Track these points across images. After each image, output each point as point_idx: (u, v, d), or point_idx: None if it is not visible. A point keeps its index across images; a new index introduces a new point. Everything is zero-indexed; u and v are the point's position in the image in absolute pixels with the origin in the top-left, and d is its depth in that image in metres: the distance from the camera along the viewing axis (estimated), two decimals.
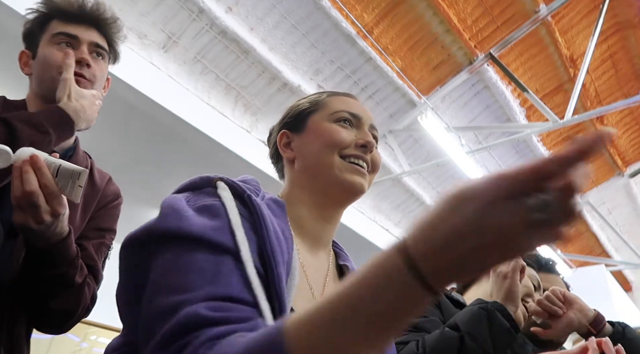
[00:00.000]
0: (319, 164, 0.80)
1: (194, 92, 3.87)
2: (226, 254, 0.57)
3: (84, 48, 1.08)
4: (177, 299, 0.52)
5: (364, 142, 0.81)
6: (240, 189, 0.68)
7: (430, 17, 4.37)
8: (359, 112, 0.85)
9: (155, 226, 0.60)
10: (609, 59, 5.51)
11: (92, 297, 1.02)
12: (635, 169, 6.97)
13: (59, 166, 0.83)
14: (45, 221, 0.82)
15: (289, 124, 0.89)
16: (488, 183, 0.38)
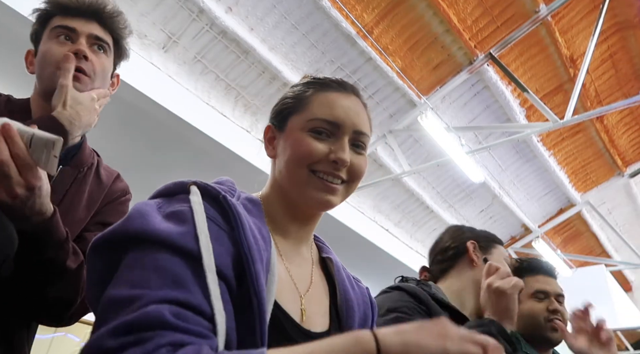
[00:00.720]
0: (288, 175, 0.77)
1: (194, 92, 3.87)
2: (189, 259, 0.58)
3: (82, 40, 1.05)
4: (135, 293, 0.53)
5: (335, 159, 0.74)
6: (215, 191, 0.67)
7: (430, 17, 4.37)
8: (339, 120, 0.77)
9: (122, 228, 0.61)
10: (609, 59, 5.51)
11: None
12: (635, 169, 6.97)
13: (32, 135, 0.78)
14: (19, 195, 0.77)
15: (274, 118, 0.84)
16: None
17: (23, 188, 0.77)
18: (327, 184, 0.75)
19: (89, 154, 1.10)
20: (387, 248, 5.50)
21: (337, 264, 0.86)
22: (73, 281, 0.91)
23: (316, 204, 0.76)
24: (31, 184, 0.77)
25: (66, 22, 1.05)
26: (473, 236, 1.33)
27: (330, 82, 0.87)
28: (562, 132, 5.87)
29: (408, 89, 4.75)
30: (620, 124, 6.29)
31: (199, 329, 0.52)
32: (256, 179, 0.80)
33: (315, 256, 0.85)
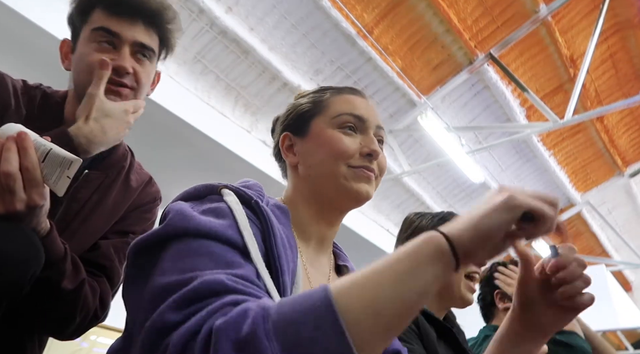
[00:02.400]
0: (324, 174, 0.76)
1: (194, 92, 3.87)
2: (236, 249, 0.56)
3: (126, 51, 0.94)
4: (187, 275, 0.50)
5: (369, 151, 0.77)
6: (247, 196, 0.66)
7: (430, 17, 4.37)
8: (363, 114, 0.80)
9: (163, 230, 0.59)
10: (609, 59, 5.50)
11: (101, 300, 0.92)
12: (635, 169, 6.97)
13: (49, 150, 0.72)
14: (17, 211, 0.70)
15: (291, 126, 0.84)
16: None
17: (23, 205, 0.71)
18: (365, 173, 0.76)
19: (122, 156, 1.02)
20: (387, 248, 5.49)
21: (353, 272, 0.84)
22: (69, 301, 0.85)
23: (357, 195, 0.76)
24: (34, 203, 0.71)
25: (109, 25, 0.94)
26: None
27: (341, 87, 0.88)
28: (562, 132, 5.87)
29: (408, 89, 4.74)
30: (620, 124, 6.29)
31: (258, 293, 0.50)
32: (256, 179, 0.79)
33: (333, 265, 0.84)
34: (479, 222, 0.50)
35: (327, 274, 0.80)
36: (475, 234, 0.50)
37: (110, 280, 0.96)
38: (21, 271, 0.70)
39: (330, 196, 0.77)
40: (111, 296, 0.97)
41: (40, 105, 0.95)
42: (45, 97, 0.97)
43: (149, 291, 0.53)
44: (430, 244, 0.49)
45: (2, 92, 0.90)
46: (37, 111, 0.94)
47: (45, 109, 0.95)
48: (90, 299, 0.89)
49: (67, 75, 1.01)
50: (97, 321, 0.93)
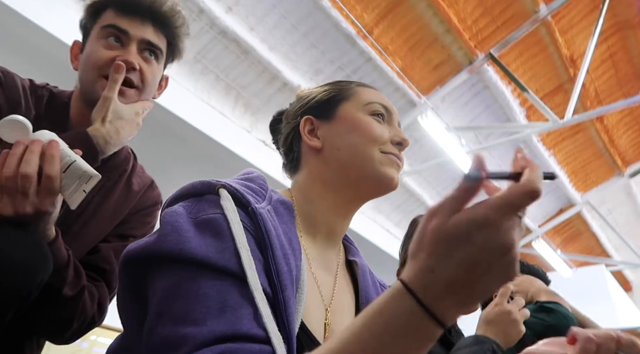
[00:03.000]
0: (356, 156, 0.74)
1: (194, 92, 3.87)
2: (231, 278, 0.54)
3: (133, 47, 0.94)
4: (181, 333, 0.50)
5: (400, 140, 0.77)
6: (245, 200, 0.63)
7: (430, 17, 4.37)
8: (390, 107, 0.81)
9: (156, 246, 0.57)
10: (609, 59, 5.50)
11: (99, 306, 0.92)
12: (635, 169, 6.97)
13: (72, 161, 0.73)
14: (26, 213, 0.70)
15: (315, 109, 0.80)
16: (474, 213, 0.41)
17: (33, 209, 0.70)
18: (397, 160, 0.76)
19: (124, 159, 1.02)
20: (387, 248, 5.49)
21: (362, 267, 0.82)
22: (68, 307, 0.85)
23: (389, 180, 0.74)
24: (44, 209, 0.71)
25: (118, 23, 0.94)
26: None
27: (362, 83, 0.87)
28: (562, 132, 5.87)
29: (408, 89, 4.74)
30: (620, 124, 6.29)
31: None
32: None
33: (342, 258, 0.81)
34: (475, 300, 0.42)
35: (334, 271, 0.77)
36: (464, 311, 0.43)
37: (109, 285, 0.96)
38: (30, 279, 0.70)
39: (360, 180, 0.75)
40: (109, 300, 0.96)
41: (48, 105, 0.95)
42: (53, 97, 0.97)
43: (148, 337, 0.53)
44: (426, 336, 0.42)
45: (13, 91, 0.90)
46: (45, 110, 0.94)
47: (53, 109, 0.95)
48: (89, 305, 0.89)
49: (66, 75, 1.01)
50: (94, 326, 0.93)
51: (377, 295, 0.77)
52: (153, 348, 0.52)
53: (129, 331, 0.63)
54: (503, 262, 0.40)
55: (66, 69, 1.03)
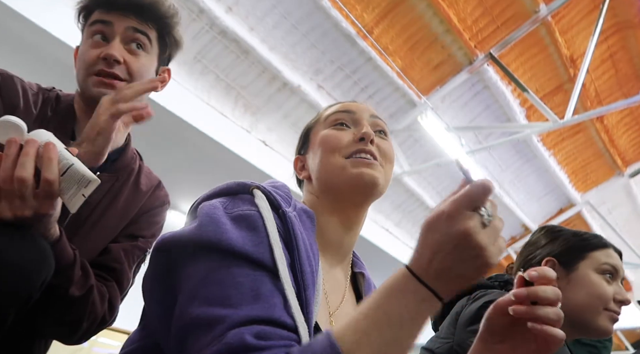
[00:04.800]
0: (325, 171, 0.79)
1: (193, 92, 3.87)
2: (264, 270, 0.58)
3: (116, 42, 0.95)
4: (216, 313, 0.52)
5: (361, 135, 0.79)
6: (277, 203, 0.67)
7: (430, 17, 4.37)
8: (351, 108, 0.84)
9: (196, 235, 0.60)
10: (609, 59, 5.50)
11: (109, 305, 0.92)
12: (635, 169, 6.97)
13: (70, 164, 0.71)
14: (25, 217, 0.68)
15: (299, 148, 0.91)
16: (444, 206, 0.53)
17: (32, 212, 0.69)
18: (361, 159, 0.77)
19: (131, 159, 1.03)
20: (387, 248, 5.49)
21: (368, 280, 0.86)
22: (77, 308, 0.84)
23: (359, 179, 0.76)
24: (43, 211, 0.70)
25: (103, 17, 0.97)
26: (557, 250, 1.28)
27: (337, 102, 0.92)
28: (562, 132, 5.87)
29: (408, 89, 4.74)
30: (620, 124, 6.29)
31: (282, 343, 0.52)
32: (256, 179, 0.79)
33: (349, 274, 0.85)
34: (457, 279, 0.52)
35: (342, 287, 0.81)
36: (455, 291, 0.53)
37: (120, 284, 0.96)
38: (32, 281, 0.69)
39: (338, 190, 0.78)
40: (120, 299, 0.97)
41: (55, 108, 0.97)
42: (59, 100, 0.99)
43: (180, 317, 0.56)
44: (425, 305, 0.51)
45: (11, 93, 0.91)
46: (52, 113, 0.95)
47: (59, 112, 0.96)
48: (99, 305, 0.89)
49: (66, 75, 1.03)
50: (106, 325, 0.94)
51: None
52: (185, 327, 0.54)
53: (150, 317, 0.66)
54: (465, 246, 0.50)
55: (66, 69, 1.04)
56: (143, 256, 1.04)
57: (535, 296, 0.57)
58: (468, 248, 0.50)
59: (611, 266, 1.33)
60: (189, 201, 4.87)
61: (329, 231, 0.79)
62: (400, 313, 0.51)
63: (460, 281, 0.52)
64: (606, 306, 1.29)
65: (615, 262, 1.34)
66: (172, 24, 1.03)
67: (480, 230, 0.51)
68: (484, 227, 0.51)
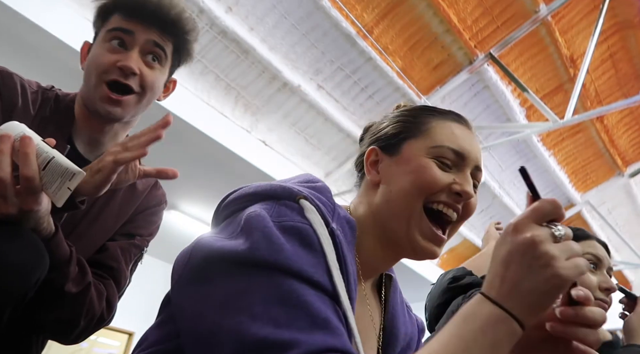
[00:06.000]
0: (398, 206, 0.70)
1: (193, 92, 3.86)
2: (324, 293, 0.55)
3: (135, 52, 0.94)
4: (287, 337, 0.49)
5: (460, 191, 0.70)
6: (325, 219, 0.62)
7: (430, 17, 4.37)
8: (464, 151, 0.73)
9: (248, 255, 0.55)
10: (609, 59, 5.50)
11: (107, 303, 0.91)
12: (635, 169, 6.96)
13: (51, 158, 0.68)
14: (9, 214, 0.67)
15: (381, 141, 0.79)
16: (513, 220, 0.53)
17: (16, 209, 0.67)
18: (438, 235, 0.70)
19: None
20: None
21: (395, 284, 0.82)
22: (73, 305, 0.83)
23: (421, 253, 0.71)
24: (27, 208, 0.68)
25: (124, 25, 0.95)
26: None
27: (446, 111, 0.82)
28: (562, 132, 5.87)
29: (408, 89, 4.74)
30: (620, 124, 6.29)
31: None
32: (256, 179, 0.78)
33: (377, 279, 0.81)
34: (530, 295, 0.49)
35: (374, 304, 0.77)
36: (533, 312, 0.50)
37: (117, 282, 0.95)
38: (26, 279, 0.68)
39: (396, 238, 0.71)
40: (118, 297, 0.96)
41: (53, 107, 0.95)
42: (58, 99, 0.97)
43: (238, 335, 0.51)
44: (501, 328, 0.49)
45: (10, 91, 0.90)
46: (50, 113, 0.94)
47: (58, 112, 0.95)
48: (96, 302, 0.88)
49: (66, 75, 1.02)
50: (104, 324, 0.93)
51: (404, 314, 0.79)
52: (249, 348, 0.50)
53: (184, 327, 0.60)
54: (533, 255, 0.49)
55: (66, 69, 1.04)
56: (140, 254, 1.03)
57: (583, 317, 0.52)
58: (535, 257, 0.49)
59: (593, 255, 1.37)
60: (189, 201, 4.87)
61: (369, 252, 0.73)
62: (475, 338, 0.48)
63: (533, 297, 0.49)
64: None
65: (598, 252, 1.38)
66: (191, 39, 1.06)
67: (550, 241, 0.50)
68: (556, 240, 0.50)
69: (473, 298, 0.51)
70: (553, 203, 0.53)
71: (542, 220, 0.52)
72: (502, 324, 0.49)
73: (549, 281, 0.48)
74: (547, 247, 0.49)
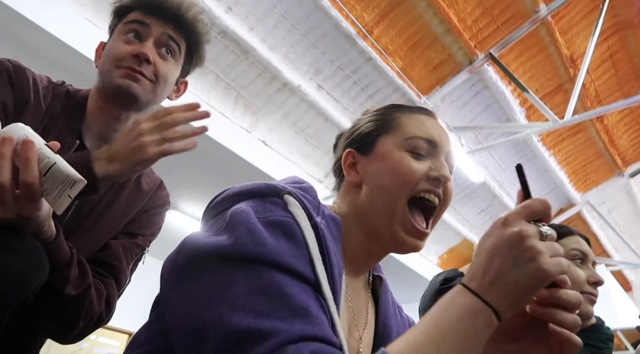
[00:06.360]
0: (382, 204, 0.72)
1: (194, 92, 3.87)
2: (307, 284, 0.56)
3: (150, 41, 0.96)
4: (268, 326, 0.49)
5: (437, 176, 0.72)
6: (309, 213, 0.63)
7: (430, 17, 4.37)
8: (435, 139, 0.75)
9: (232, 249, 0.56)
10: (609, 59, 5.50)
11: (107, 303, 0.91)
12: (635, 169, 6.97)
13: (52, 164, 0.66)
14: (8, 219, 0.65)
15: (356, 142, 0.80)
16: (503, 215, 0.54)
17: (14, 214, 0.65)
18: (418, 228, 0.72)
19: None
20: None
21: (385, 285, 0.83)
22: (73, 307, 0.83)
23: (405, 247, 0.72)
24: (26, 215, 0.66)
25: (142, 18, 0.98)
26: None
27: (412, 106, 0.83)
28: (562, 132, 5.87)
29: (408, 89, 4.74)
30: (620, 124, 6.29)
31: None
32: (256, 179, 0.78)
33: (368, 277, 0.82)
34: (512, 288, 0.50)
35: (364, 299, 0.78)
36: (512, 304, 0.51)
37: (118, 282, 0.95)
38: (24, 285, 0.67)
39: (381, 233, 0.73)
40: (117, 297, 0.96)
41: (64, 103, 0.95)
42: (69, 95, 0.98)
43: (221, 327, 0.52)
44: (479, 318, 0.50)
45: (23, 86, 0.90)
46: (60, 108, 0.94)
47: (68, 108, 0.95)
48: (96, 303, 0.88)
49: (66, 75, 1.03)
50: (102, 324, 0.92)
51: (395, 315, 0.80)
52: (230, 338, 0.50)
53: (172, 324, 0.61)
54: (520, 248, 0.50)
55: (66, 69, 1.04)
56: (141, 254, 1.03)
57: (558, 299, 0.54)
58: (522, 250, 0.50)
59: (580, 251, 1.43)
60: (189, 201, 4.87)
61: (356, 248, 0.75)
62: (453, 327, 0.49)
63: (514, 290, 0.50)
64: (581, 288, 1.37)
65: (583, 247, 1.44)
66: (203, 41, 1.06)
67: (537, 237, 0.51)
68: (542, 238, 0.52)
69: (454, 288, 0.52)
70: (544, 203, 0.54)
71: (532, 218, 0.53)
72: (481, 314, 0.50)
73: (533, 275, 0.50)
74: (534, 242, 0.50)
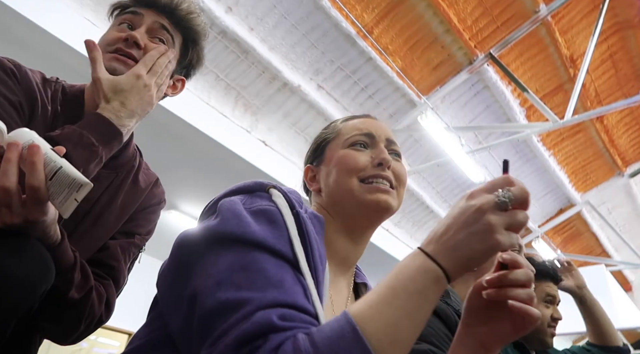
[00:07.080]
0: (340, 192, 0.81)
1: (194, 92, 3.86)
2: (286, 261, 0.61)
3: (142, 28, 0.96)
4: (244, 296, 0.55)
5: (379, 161, 0.81)
6: (291, 203, 0.69)
7: (430, 17, 4.37)
8: (371, 130, 0.85)
9: (219, 228, 0.62)
10: (609, 59, 5.50)
11: (106, 305, 0.91)
12: (635, 169, 6.97)
13: (58, 168, 0.66)
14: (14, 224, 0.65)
15: (311, 157, 0.92)
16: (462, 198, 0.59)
17: (21, 219, 0.65)
18: (377, 186, 0.80)
19: (132, 156, 1.02)
20: (387, 248, 5.49)
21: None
22: (76, 310, 0.83)
23: (374, 205, 0.79)
24: (32, 219, 0.66)
25: (135, 9, 0.97)
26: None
27: (354, 115, 0.94)
28: (562, 132, 5.87)
29: (408, 89, 4.74)
30: (620, 124, 6.29)
31: (304, 325, 0.54)
32: (256, 178, 0.79)
33: (352, 281, 0.86)
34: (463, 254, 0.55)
35: (346, 296, 0.83)
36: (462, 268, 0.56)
37: (116, 282, 0.95)
38: (31, 293, 0.67)
39: (351, 212, 0.81)
40: (116, 297, 0.96)
41: (62, 100, 0.94)
42: (64, 91, 0.96)
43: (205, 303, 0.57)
44: (429, 278, 0.55)
45: (30, 87, 0.89)
46: (60, 105, 0.93)
47: (67, 104, 0.94)
48: (97, 306, 0.88)
49: (65, 75, 1.02)
50: (101, 325, 0.92)
51: None
52: (212, 311, 0.56)
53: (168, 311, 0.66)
54: (476, 220, 0.55)
55: (66, 69, 1.03)
56: (138, 253, 1.03)
57: (508, 281, 0.61)
58: (478, 223, 0.55)
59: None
60: (189, 201, 4.88)
61: (336, 243, 0.81)
62: (405, 286, 0.54)
63: (467, 256, 0.55)
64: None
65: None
66: (199, 37, 1.06)
67: (494, 210, 0.55)
68: (500, 209, 0.55)
69: (411, 252, 0.58)
70: (505, 177, 0.58)
71: (493, 190, 0.57)
72: (431, 274, 0.55)
73: (485, 246, 0.54)
74: (490, 216, 0.55)
